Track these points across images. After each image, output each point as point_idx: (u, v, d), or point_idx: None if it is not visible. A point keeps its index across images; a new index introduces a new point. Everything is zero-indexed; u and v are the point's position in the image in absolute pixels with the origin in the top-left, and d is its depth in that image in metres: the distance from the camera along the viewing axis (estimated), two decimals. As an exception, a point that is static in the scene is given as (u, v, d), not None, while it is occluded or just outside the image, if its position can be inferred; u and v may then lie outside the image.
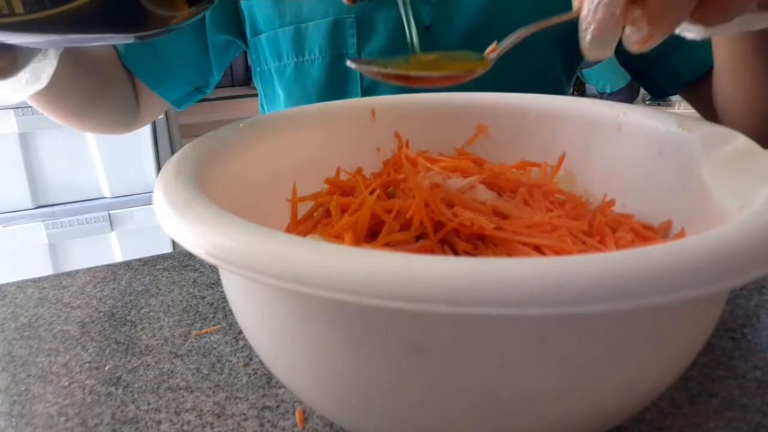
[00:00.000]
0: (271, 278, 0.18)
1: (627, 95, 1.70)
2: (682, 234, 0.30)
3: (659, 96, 0.64)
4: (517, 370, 0.19)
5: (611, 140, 0.35)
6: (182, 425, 0.29)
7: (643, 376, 0.21)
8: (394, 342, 0.19)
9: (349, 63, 0.29)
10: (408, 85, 0.29)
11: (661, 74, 0.61)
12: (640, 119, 0.34)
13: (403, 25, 0.41)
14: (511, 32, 0.30)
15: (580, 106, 0.37)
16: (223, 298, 0.41)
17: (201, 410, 0.30)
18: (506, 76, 0.55)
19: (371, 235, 0.29)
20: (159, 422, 0.30)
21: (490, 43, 0.29)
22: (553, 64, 0.59)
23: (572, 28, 0.26)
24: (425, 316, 0.18)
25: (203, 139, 0.31)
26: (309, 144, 0.37)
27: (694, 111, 0.62)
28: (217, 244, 0.19)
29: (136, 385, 0.32)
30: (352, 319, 0.20)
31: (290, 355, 0.23)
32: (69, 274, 0.46)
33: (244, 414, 0.30)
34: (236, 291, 0.24)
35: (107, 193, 1.33)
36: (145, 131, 1.30)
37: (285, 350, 0.23)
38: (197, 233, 0.20)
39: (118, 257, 1.38)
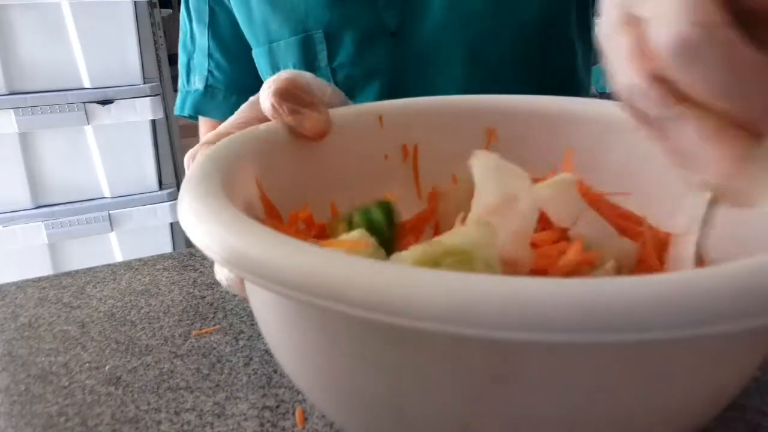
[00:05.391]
0: (324, 300, 0.16)
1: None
2: None
3: None
4: (609, 393, 0.18)
5: (627, 141, 0.35)
6: (182, 425, 0.29)
7: (725, 391, 0.21)
8: (474, 372, 0.18)
9: None
10: None
11: None
12: None
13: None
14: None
15: (595, 108, 0.37)
16: (223, 298, 0.41)
17: (201, 410, 0.30)
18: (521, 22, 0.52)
19: None
20: (159, 422, 0.30)
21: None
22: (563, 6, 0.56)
23: None
24: (510, 343, 0.17)
25: (224, 145, 0.29)
26: (319, 153, 0.35)
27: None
28: (246, 257, 0.18)
29: (136, 385, 0.32)
30: (420, 345, 0.18)
31: (319, 370, 0.22)
32: (69, 274, 0.46)
33: (244, 414, 0.30)
34: (263, 302, 0.23)
35: (107, 193, 1.32)
36: (145, 131, 1.30)
37: (321, 370, 0.22)
38: (226, 247, 0.19)
39: (118, 257, 1.38)
